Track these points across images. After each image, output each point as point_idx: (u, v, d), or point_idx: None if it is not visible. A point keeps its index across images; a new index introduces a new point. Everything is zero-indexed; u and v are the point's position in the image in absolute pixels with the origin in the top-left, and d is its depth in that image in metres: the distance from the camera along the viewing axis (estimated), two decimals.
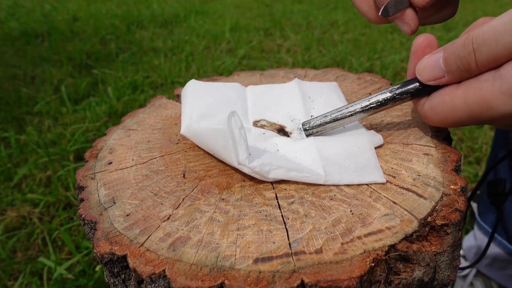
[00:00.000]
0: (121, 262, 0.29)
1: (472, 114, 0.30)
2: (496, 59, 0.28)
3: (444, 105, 0.32)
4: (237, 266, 0.26)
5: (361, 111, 0.37)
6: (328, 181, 0.33)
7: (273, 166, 0.33)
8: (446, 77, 0.32)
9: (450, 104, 0.31)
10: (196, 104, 0.41)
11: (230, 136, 0.32)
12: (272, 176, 0.33)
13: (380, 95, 0.36)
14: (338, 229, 0.28)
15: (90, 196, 0.35)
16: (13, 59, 2.13)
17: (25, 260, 0.95)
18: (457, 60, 0.30)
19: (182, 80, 1.87)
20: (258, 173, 0.33)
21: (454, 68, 0.31)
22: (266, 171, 0.33)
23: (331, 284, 0.25)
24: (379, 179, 0.33)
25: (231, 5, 3.53)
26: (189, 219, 0.31)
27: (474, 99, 0.30)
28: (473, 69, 0.30)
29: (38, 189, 1.17)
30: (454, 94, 0.31)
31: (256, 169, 0.32)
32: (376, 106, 0.36)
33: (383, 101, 0.36)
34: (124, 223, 0.31)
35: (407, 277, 0.28)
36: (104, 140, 0.43)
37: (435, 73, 0.32)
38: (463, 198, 0.31)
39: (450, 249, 0.30)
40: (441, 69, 0.32)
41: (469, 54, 0.29)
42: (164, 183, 0.35)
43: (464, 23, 2.82)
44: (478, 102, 0.29)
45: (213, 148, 0.35)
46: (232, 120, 0.32)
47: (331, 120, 0.37)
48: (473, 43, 0.29)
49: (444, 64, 0.32)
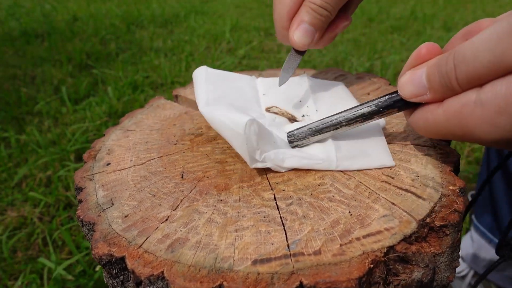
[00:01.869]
0: (119, 263, 0.29)
1: (455, 135, 0.29)
2: (476, 77, 0.26)
3: (426, 122, 0.30)
4: (235, 268, 0.26)
5: (346, 124, 0.35)
6: (339, 167, 0.34)
7: (287, 155, 0.35)
8: (428, 95, 0.30)
9: (433, 122, 0.30)
10: (211, 89, 0.42)
11: (246, 142, 0.33)
12: (286, 165, 0.35)
13: (366, 108, 0.35)
14: (336, 230, 0.28)
15: (88, 197, 0.35)
16: (13, 59, 2.13)
17: (25, 260, 0.95)
18: (440, 76, 0.28)
19: (182, 80, 1.87)
20: (273, 161, 0.34)
21: (437, 85, 0.29)
22: (280, 160, 0.34)
23: (330, 285, 0.24)
24: (388, 163, 0.34)
25: (231, 5, 3.53)
26: (188, 221, 0.31)
27: (455, 122, 0.28)
28: (455, 87, 0.28)
29: (38, 189, 1.17)
30: (436, 112, 0.29)
31: (271, 157, 0.34)
32: (361, 120, 0.35)
33: (368, 114, 0.35)
34: (122, 225, 0.31)
35: (406, 278, 0.28)
36: (103, 141, 0.43)
37: (417, 90, 0.30)
38: (462, 199, 0.31)
39: (449, 250, 0.30)
40: (423, 86, 0.30)
41: (451, 70, 0.27)
42: (162, 184, 0.35)
43: (465, 23, 2.81)
44: (460, 126, 0.28)
45: (227, 139, 0.36)
46: (252, 128, 0.32)
47: (315, 131, 0.36)
48: (455, 59, 0.27)
49: (426, 80, 0.30)
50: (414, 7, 3.39)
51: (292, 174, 0.35)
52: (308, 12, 0.39)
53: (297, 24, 0.39)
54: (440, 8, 3.36)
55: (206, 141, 0.41)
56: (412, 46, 2.30)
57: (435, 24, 2.80)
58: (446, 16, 3.05)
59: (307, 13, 0.39)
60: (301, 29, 0.39)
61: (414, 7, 3.42)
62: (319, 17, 0.39)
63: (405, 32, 2.63)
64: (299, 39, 0.40)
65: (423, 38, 2.43)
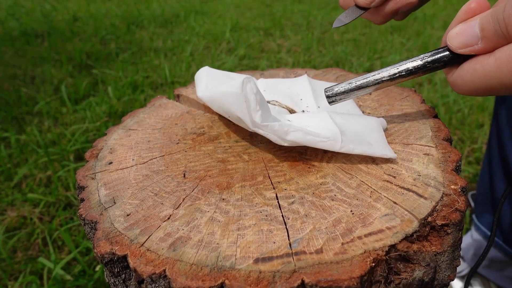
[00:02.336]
0: (121, 262, 0.29)
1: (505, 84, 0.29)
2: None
3: (474, 74, 0.30)
4: (237, 266, 0.26)
5: (388, 79, 0.34)
6: (343, 148, 0.34)
7: (292, 128, 0.34)
8: (480, 44, 0.30)
9: (482, 72, 0.30)
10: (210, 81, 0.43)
11: (244, 100, 0.32)
12: (290, 138, 0.33)
13: (410, 62, 0.34)
14: (338, 229, 0.28)
15: (91, 196, 0.35)
16: (13, 59, 2.13)
17: (25, 260, 0.95)
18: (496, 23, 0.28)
19: (182, 80, 1.87)
20: (276, 132, 0.33)
21: (491, 33, 0.29)
22: (284, 132, 0.33)
23: (331, 284, 0.25)
24: (390, 154, 0.34)
25: (231, 5, 3.53)
26: (190, 219, 0.31)
27: (508, 68, 0.28)
28: (510, 35, 0.28)
29: (38, 189, 1.17)
30: (487, 61, 0.29)
31: (275, 127, 0.33)
32: (405, 75, 0.34)
33: (413, 69, 0.33)
34: (125, 223, 0.31)
35: (407, 277, 0.28)
36: (105, 140, 0.43)
37: (468, 40, 0.30)
38: (463, 198, 0.31)
39: (450, 249, 0.30)
40: (475, 36, 0.30)
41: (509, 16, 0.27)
42: (165, 183, 0.35)
43: None
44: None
45: (228, 111, 0.36)
46: (248, 86, 0.33)
47: (356, 87, 0.36)
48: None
49: (480, 29, 0.30)
50: None
51: (294, 173, 0.35)
52: None
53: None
54: (440, 8, 3.36)
55: (208, 140, 0.41)
56: (412, 46, 2.30)
57: (435, 24, 2.80)
58: (446, 16, 3.05)
59: None
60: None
61: None
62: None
63: (405, 32, 2.63)
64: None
65: (423, 38, 2.44)
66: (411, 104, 0.44)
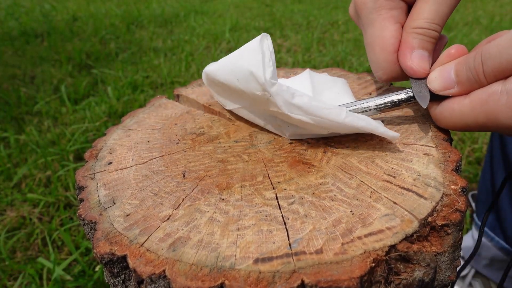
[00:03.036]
0: (121, 262, 0.29)
1: (478, 123, 0.32)
2: (501, 71, 0.30)
3: (452, 112, 0.34)
4: (237, 267, 0.26)
5: (375, 108, 0.38)
6: (348, 118, 0.34)
7: (299, 92, 0.34)
8: (456, 88, 0.34)
9: (458, 112, 0.33)
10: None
11: (261, 52, 0.33)
12: (295, 101, 0.33)
13: (396, 96, 0.38)
14: (338, 229, 0.28)
15: (90, 196, 0.35)
16: (12, 59, 2.13)
17: (25, 260, 0.95)
18: (468, 71, 0.32)
19: (182, 80, 1.87)
20: (283, 93, 0.33)
21: (464, 78, 0.33)
22: (291, 94, 0.33)
23: (331, 284, 0.24)
24: (392, 133, 0.35)
25: (231, 5, 3.53)
26: (189, 219, 0.31)
27: (481, 110, 0.31)
28: (481, 80, 0.31)
29: (37, 189, 1.17)
30: (463, 103, 0.33)
31: (283, 87, 0.33)
32: (390, 106, 0.38)
33: (397, 101, 0.38)
34: (124, 223, 0.31)
35: (407, 278, 0.28)
36: (104, 140, 0.43)
37: (445, 84, 0.34)
38: (463, 198, 0.31)
39: (450, 249, 0.30)
40: (451, 80, 0.34)
41: (478, 65, 0.31)
42: (164, 183, 0.35)
43: (465, 23, 2.82)
44: (485, 113, 0.31)
45: (239, 72, 0.35)
46: (265, 42, 0.33)
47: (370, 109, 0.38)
48: (482, 56, 0.31)
49: (455, 75, 0.33)
50: None
51: (294, 173, 0.35)
52: (416, 37, 0.36)
53: (410, 52, 0.37)
54: None
55: (207, 140, 0.41)
56: None
57: None
58: None
59: (415, 39, 0.36)
60: (416, 55, 0.36)
61: None
62: (429, 40, 0.37)
63: None
64: (418, 65, 0.36)
65: None
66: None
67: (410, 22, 0.37)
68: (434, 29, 0.36)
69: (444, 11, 0.36)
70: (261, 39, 0.34)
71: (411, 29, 0.37)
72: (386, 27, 0.37)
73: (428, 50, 0.37)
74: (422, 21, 0.36)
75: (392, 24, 0.37)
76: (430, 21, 0.36)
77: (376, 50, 0.38)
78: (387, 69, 0.38)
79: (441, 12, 0.36)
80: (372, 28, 0.38)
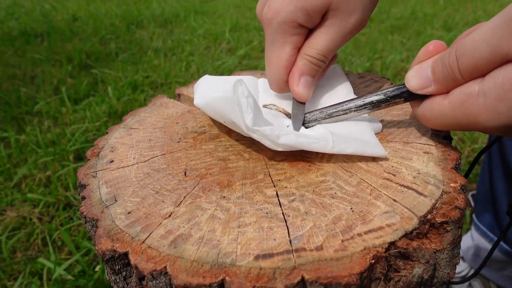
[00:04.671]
0: (122, 259, 0.29)
1: (460, 124, 0.31)
2: (477, 68, 0.29)
3: (433, 113, 0.33)
4: (238, 263, 0.26)
5: (355, 110, 0.38)
6: (335, 148, 0.35)
7: (283, 131, 0.34)
8: (433, 87, 0.32)
9: (439, 113, 0.32)
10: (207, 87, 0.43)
11: (237, 103, 0.33)
12: (281, 141, 0.34)
13: (374, 96, 0.37)
14: (338, 226, 0.29)
15: (92, 194, 0.35)
16: (12, 59, 2.13)
17: (24, 260, 0.95)
18: (443, 68, 0.31)
19: (182, 80, 1.87)
20: (268, 137, 0.34)
21: (441, 76, 0.31)
22: (276, 135, 0.34)
23: (331, 280, 0.25)
24: (381, 152, 0.35)
25: (231, 5, 3.53)
26: (190, 217, 0.31)
27: (461, 112, 0.30)
28: (458, 78, 0.30)
29: (37, 189, 1.17)
30: (443, 104, 0.31)
31: (266, 132, 0.33)
32: (370, 107, 0.38)
33: (376, 102, 0.37)
34: (126, 221, 0.31)
35: (407, 274, 0.28)
36: (106, 139, 0.43)
37: (422, 82, 0.33)
38: (463, 196, 0.31)
39: (450, 246, 0.30)
40: (428, 78, 0.32)
41: (453, 62, 0.30)
42: (166, 181, 0.35)
43: (465, 23, 2.82)
44: (465, 115, 0.30)
45: (223, 116, 0.37)
46: (239, 89, 0.33)
47: (326, 116, 0.39)
48: (457, 52, 0.30)
49: (431, 73, 0.32)
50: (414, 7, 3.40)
51: (295, 172, 0.35)
52: (306, 64, 0.40)
53: (298, 77, 0.40)
54: (440, 8, 3.37)
55: (209, 139, 0.42)
56: (412, 46, 2.30)
57: (435, 24, 2.81)
58: (446, 16, 3.06)
59: (305, 65, 0.40)
60: (303, 82, 0.40)
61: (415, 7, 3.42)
62: (317, 68, 0.41)
63: (405, 32, 2.64)
64: (303, 92, 0.40)
65: (423, 38, 2.44)
66: None
67: (306, 49, 0.40)
68: (323, 60, 0.40)
69: (334, 47, 0.40)
70: (234, 88, 0.34)
71: (305, 56, 0.40)
72: (284, 50, 0.40)
73: (314, 77, 0.41)
74: (314, 51, 0.39)
75: (290, 49, 0.40)
76: (321, 53, 0.40)
77: (272, 67, 0.41)
78: (279, 85, 0.42)
79: (331, 47, 0.40)
80: (272, 48, 0.41)
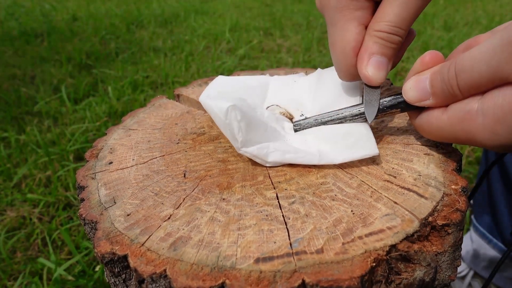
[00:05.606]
0: (121, 262, 0.29)
1: (458, 139, 0.31)
2: (476, 86, 0.28)
3: (431, 126, 0.32)
4: (238, 266, 0.26)
5: (350, 119, 0.37)
6: (322, 160, 0.35)
7: (270, 149, 0.35)
8: (431, 100, 0.31)
9: (437, 126, 0.32)
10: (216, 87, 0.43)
11: (228, 128, 0.34)
12: (270, 160, 0.35)
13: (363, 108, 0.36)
14: (339, 229, 0.28)
15: (91, 196, 0.35)
16: (12, 59, 2.13)
17: (24, 260, 0.95)
18: (442, 83, 0.30)
19: (182, 80, 1.87)
20: (257, 156, 0.35)
21: (439, 90, 0.30)
22: (264, 154, 0.35)
23: (332, 283, 0.25)
24: (371, 152, 0.34)
25: (231, 5, 3.53)
26: (190, 219, 0.31)
27: (459, 128, 0.30)
28: (456, 94, 0.29)
29: (37, 189, 1.17)
30: (441, 118, 0.31)
31: (254, 152, 0.35)
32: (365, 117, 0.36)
33: None
34: (125, 223, 0.31)
35: (408, 277, 0.28)
36: (105, 140, 0.43)
37: (420, 95, 0.32)
38: (464, 198, 0.31)
39: (451, 249, 0.30)
40: (426, 91, 0.31)
41: (452, 78, 0.29)
42: (165, 183, 0.35)
43: (465, 23, 2.82)
44: (464, 132, 0.29)
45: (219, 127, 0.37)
46: (232, 114, 0.34)
47: (321, 123, 0.39)
48: (456, 68, 0.29)
49: (430, 86, 0.31)
50: None
51: (295, 173, 0.35)
52: (377, 42, 0.34)
53: (368, 58, 0.34)
54: (440, 8, 3.36)
55: (208, 140, 0.41)
56: (412, 46, 2.30)
57: (435, 24, 2.80)
58: (446, 16, 3.06)
59: (375, 43, 0.34)
60: (373, 63, 0.34)
61: None
62: (390, 45, 0.34)
63: None
64: (374, 74, 0.34)
65: (423, 38, 2.44)
66: None
67: (373, 24, 0.34)
68: (396, 33, 0.34)
69: (409, 15, 0.33)
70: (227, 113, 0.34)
71: (373, 32, 0.34)
72: (347, 29, 0.35)
73: (387, 56, 0.35)
74: (385, 24, 0.33)
75: (355, 26, 0.35)
76: (393, 25, 0.33)
77: (337, 52, 0.36)
78: (347, 71, 0.37)
79: (405, 16, 0.33)
80: (334, 29, 0.35)
